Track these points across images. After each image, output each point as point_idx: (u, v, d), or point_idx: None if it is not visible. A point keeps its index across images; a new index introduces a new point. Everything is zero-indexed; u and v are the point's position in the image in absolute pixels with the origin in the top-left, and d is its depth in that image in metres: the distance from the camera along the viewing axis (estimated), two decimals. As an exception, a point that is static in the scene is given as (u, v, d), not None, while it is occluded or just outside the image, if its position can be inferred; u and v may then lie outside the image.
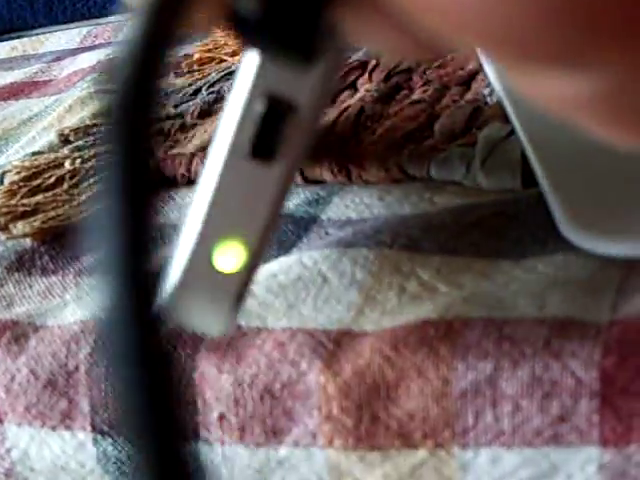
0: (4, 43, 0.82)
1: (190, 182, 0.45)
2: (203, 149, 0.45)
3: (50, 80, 0.69)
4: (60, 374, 0.33)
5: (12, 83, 0.70)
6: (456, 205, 0.36)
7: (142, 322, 0.15)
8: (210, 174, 0.24)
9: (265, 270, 0.34)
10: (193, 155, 0.45)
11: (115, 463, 0.33)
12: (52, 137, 0.53)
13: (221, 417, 0.31)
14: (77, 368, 0.33)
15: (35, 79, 0.70)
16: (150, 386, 0.15)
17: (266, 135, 0.24)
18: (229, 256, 0.24)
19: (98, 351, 0.33)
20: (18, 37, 0.84)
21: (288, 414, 0.30)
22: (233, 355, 0.31)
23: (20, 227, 0.41)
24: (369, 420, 0.29)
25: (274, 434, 0.31)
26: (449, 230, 0.34)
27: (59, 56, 0.76)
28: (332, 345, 0.30)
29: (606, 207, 0.31)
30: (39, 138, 0.55)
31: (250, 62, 0.23)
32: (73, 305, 0.36)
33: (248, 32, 0.22)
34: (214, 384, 0.31)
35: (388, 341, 0.29)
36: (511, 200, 0.35)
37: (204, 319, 0.25)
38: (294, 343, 0.31)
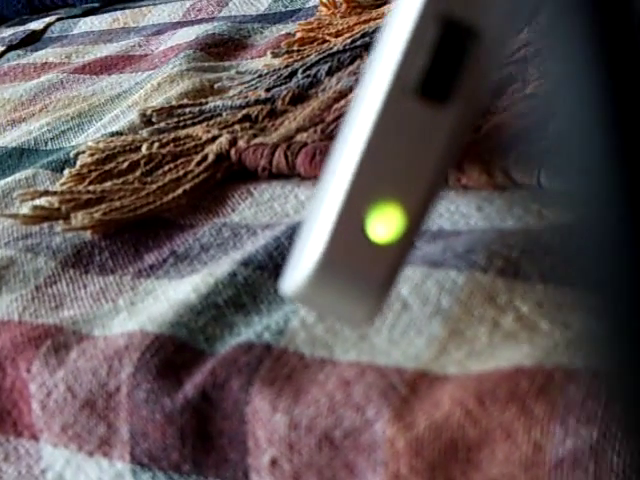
0: (107, 15, 0.79)
1: (272, 176, 0.40)
2: (288, 139, 0.41)
3: (146, 55, 0.66)
4: (100, 394, 0.29)
5: (106, 57, 0.67)
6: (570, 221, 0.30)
7: None
8: (365, 117, 0.19)
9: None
10: (276, 146, 0.40)
11: (156, 498, 0.29)
12: (134, 117, 0.50)
13: (273, 462, 0.27)
14: (118, 389, 0.29)
15: (131, 53, 0.67)
16: None
17: (440, 68, 0.19)
18: (384, 223, 0.19)
19: (142, 370, 0.29)
20: (123, 8, 0.81)
21: (349, 467, 0.25)
22: (291, 391, 0.27)
23: (80, 218, 0.38)
24: (444, 484, 0.24)
25: (332, 488, 0.26)
26: (557, 253, 0.29)
27: (160, 30, 0.72)
28: (405, 390, 0.25)
29: None
30: (122, 117, 0.52)
31: None
32: (124, 313, 0.32)
33: None
34: (267, 423, 0.27)
35: (472, 391, 0.24)
36: None
37: (348, 302, 0.20)
38: (361, 383, 0.26)
